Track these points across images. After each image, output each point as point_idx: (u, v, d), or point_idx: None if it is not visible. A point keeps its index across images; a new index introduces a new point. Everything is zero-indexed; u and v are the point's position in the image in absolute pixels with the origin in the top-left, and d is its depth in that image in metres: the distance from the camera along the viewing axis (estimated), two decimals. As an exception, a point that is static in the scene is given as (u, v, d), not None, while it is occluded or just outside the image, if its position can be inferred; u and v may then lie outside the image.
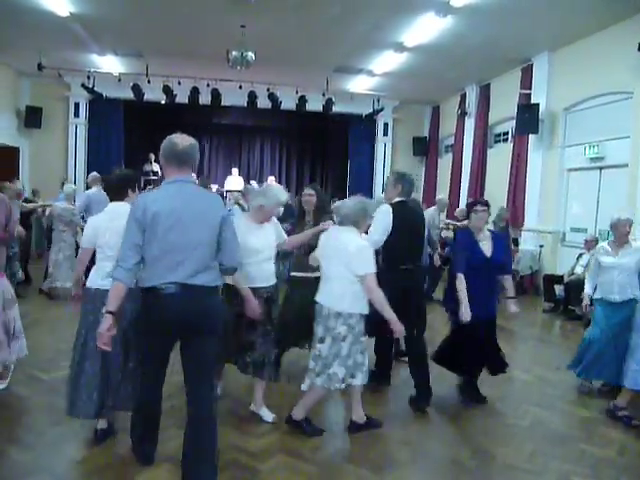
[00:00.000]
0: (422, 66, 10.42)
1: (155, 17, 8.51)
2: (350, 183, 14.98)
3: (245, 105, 12.12)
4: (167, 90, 11.46)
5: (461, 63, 10.19)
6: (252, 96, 11.72)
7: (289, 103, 12.11)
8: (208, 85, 11.42)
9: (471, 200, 4.64)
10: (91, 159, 13.20)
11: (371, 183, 14.54)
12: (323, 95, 12.02)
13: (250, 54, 8.94)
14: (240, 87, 11.43)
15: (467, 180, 12.11)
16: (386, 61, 10.34)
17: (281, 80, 11.58)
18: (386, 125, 14.75)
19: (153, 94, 11.62)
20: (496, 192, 10.29)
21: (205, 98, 11.63)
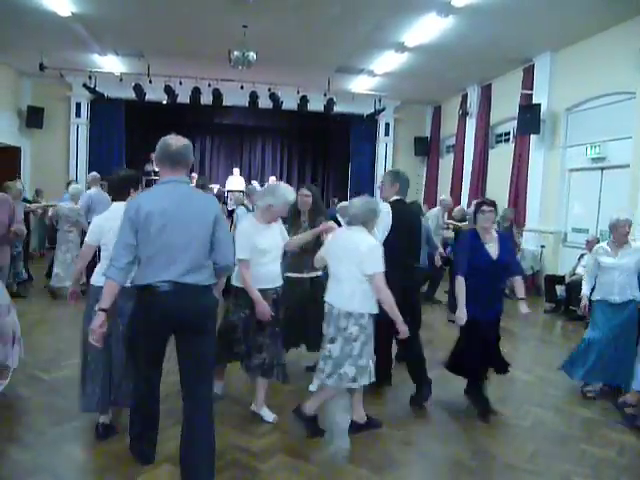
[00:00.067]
0: (423, 66, 10.42)
1: (156, 17, 8.52)
2: (351, 183, 14.99)
3: (246, 105, 12.11)
4: (168, 90, 11.46)
5: (462, 63, 10.18)
6: (253, 96, 11.72)
7: (290, 103, 12.11)
8: (209, 85, 11.41)
9: (477, 200, 4.53)
10: (92, 159, 13.22)
11: (372, 183, 14.49)
12: (324, 95, 12.03)
13: (251, 54, 8.95)
14: (241, 87, 11.42)
15: (468, 180, 12.10)
16: (387, 61, 10.33)
17: (282, 80, 11.59)
18: (387, 125, 14.74)
19: (154, 94, 11.63)
20: (497, 192, 10.26)
21: (206, 98, 11.61)
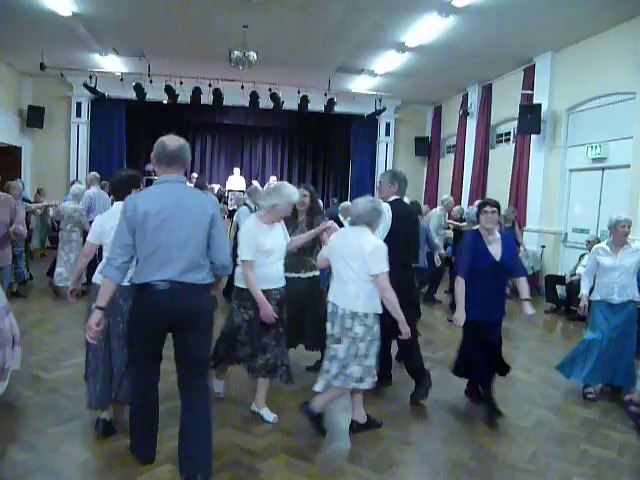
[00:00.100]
0: (424, 66, 10.42)
1: (157, 17, 8.52)
2: (352, 183, 15.00)
3: (247, 105, 12.11)
4: (169, 90, 11.47)
5: (463, 63, 10.18)
6: (254, 96, 11.73)
7: (291, 103, 12.12)
8: (210, 85, 11.41)
9: (480, 201, 4.49)
10: (93, 159, 13.23)
11: (373, 183, 14.48)
12: (325, 95, 12.04)
13: (252, 54, 8.96)
14: (242, 87, 11.40)
15: (469, 180, 12.10)
16: (388, 61, 10.33)
17: (283, 80, 11.59)
18: (388, 125, 14.73)
19: (155, 94, 11.64)
20: (498, 192, 10.25)
21: (207, 98, 11.62)
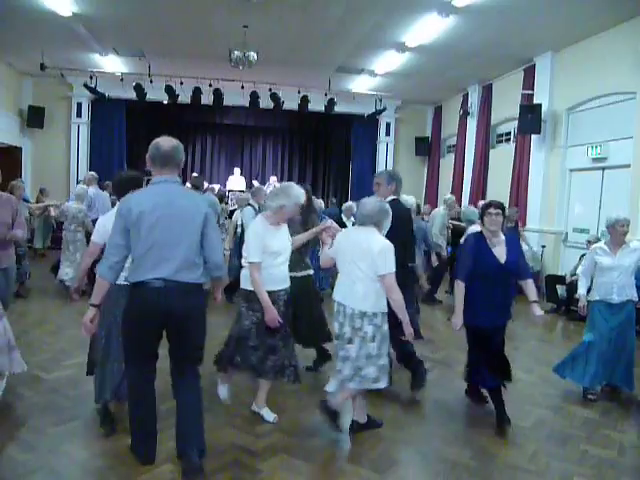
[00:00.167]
0: (424, 66, 10.42)
1: (157, 17, 8.52)
2: (352, 183, 15.00)
3: (247, 105, 12.12)
4: (169, 90, 11.48)
5: (463, 63, 10.18)
6: (254, 96, 11.74)
7: (291, 103, 12.13)
8: (210, 85, 11.42)
9: (485, 202, 4.45)
10: (93, 159, 13.26)
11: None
12: (325, 95, 12.05)
13: (252, 54, 8.96)
14: (242, 87, 11.42)
15: (469, 180, 12.10)
16: (388, 61, 10.33)
17: (283, 80, 11.59)
18: (388, 125, 14.74)
19: (155, 94, 11.65)
20: (498, 192, 10.25)
21: (207, 98, 11.63)
